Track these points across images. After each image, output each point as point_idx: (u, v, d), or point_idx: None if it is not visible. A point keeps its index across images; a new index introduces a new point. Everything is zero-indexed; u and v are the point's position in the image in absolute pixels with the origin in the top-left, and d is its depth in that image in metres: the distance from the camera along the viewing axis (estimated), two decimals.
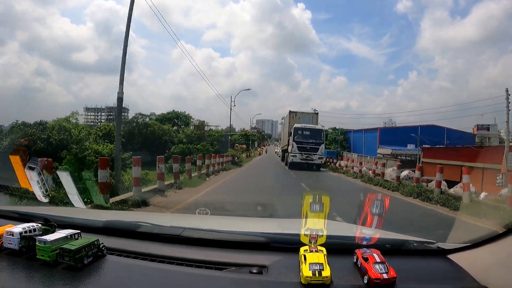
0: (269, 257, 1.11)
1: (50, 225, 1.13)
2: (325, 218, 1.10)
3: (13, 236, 1.04)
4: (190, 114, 41.16)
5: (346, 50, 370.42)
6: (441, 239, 1.27)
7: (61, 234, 1.05)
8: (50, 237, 1.01)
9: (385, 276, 0.92)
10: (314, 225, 1.08)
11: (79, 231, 1.11)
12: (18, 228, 1.06)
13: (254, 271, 1.02)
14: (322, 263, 0.95)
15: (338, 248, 1.15)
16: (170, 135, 30.87)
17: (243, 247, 1.19)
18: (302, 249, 1.03)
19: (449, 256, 1.18)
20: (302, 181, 12.34)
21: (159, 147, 25.57)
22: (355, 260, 1.05)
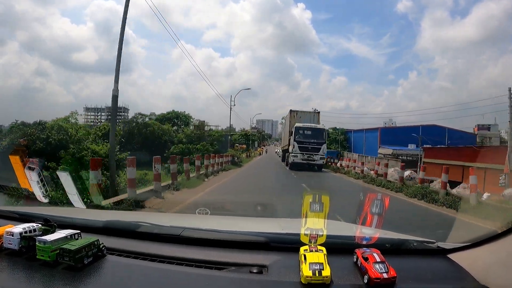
0: (269, 257, 1.11)
1: (50, 225, 1.13)
2: (325, 218, 1.10)
3: (13, 236, 1.04)
4: (190, 114, 41.26)
5: (346, 50, 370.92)
6: (441, 239, 1.27)
7: (61, 234, 1.05)
8: (50, 237, 1.02)
9: (385, 275, 0.92)
10: (314, 224, 1.08)
11: (79, 231, 1.11)
12: (18, 228, 1.06)
13: (254, 271, 1.02)
14: (322, 263, 0.95)
15: (338, 247, 1.15)
16: (169, 135, 30.84)
17: (243, 247, 1.19)
18: (302, 248, 1.03)
19: (449, 255, 1.18)
20: (303, 181, 12.22)
21: (159, 147, 25.55)
22: (355, 259, 1.05)
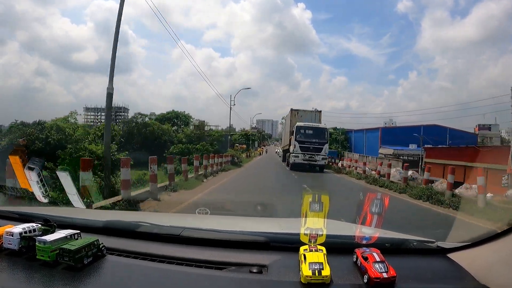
0: (269, 256, 1.11)
1: (50, 225, 1.13)
2: (324, 218, 1.10)
3: (13, 236, 1.04)
4: (190, 114, 41.34)
5: (346, 50, 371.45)
6: (441, 238, 1.27)
7: (61, 234, 1.05)
8: (50, 237, 1.02)
9: (385, 275, 0.92)
10: (314, 224, 1.08)
11: (79, 231, 1.11)
12: (18, 228, 1.06)
13: (254, 271, 1.02)
14: (322, 263, 0.95)
15: (338, 247, 1.15)
16: (169, 135, 30.83)
17: (243, 247, 1.19)
18: (302, 248, 1.03)
19: (448, 255, 1.17)
20: (305, 182, 12.10)
21: (159, 147, 25.55)
22: (355, 259, 1.05)
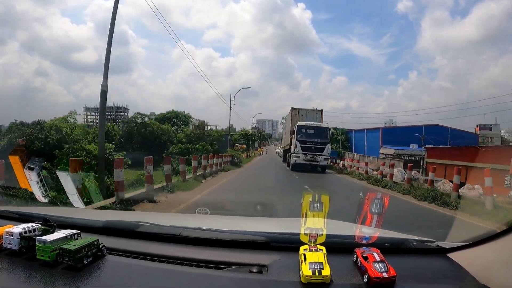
0: (269, 256, 1.11)
1: (50, 225, 1.13)
2: (324, 217, 1.10)
3: (13, 236, 1.04)
4: (190, 114, 41.39)
5: (346, 50, 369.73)
6: (440, 238, 1.27)
7: (61, 234, 1.05)
8: (50, 237, 1.02)
9: (385, 275, 0.92)
10: (314, 224, 1.08)
11: (79, 231, 1.11)
12: (18, 228, 1.06)
13: (254, 271, 1.02)
14: (322, 262, 0.95)
15: (338, 247, 1.15)
16: (169, 135, 30.81)
17: (243, 247, 1.19)
18: (302, 248, 1.03)
19: (448, 254, 1.18)
20: (306, 183, 11.91)
21: (158, 147, 25.55)
22: (355, 259, 1.05)
